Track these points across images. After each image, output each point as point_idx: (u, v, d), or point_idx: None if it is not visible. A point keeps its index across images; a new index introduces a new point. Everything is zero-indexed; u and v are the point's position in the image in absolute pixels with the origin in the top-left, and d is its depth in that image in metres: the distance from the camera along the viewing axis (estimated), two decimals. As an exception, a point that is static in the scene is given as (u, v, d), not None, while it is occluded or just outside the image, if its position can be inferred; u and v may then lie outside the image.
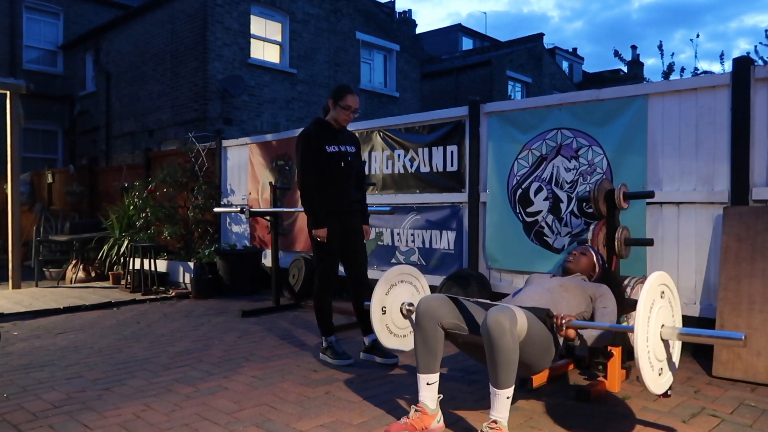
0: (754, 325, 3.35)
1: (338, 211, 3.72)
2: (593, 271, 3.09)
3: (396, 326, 3.12)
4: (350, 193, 3.78)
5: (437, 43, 26.44)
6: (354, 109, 3.66)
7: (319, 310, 3.77)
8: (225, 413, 2.78)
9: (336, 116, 3.68)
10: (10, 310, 5.48)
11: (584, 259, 3.08)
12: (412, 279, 3.26)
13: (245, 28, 11.42)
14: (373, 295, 3.05)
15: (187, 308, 5.83)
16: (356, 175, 3.85)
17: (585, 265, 3.08)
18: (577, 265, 3.07)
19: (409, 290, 3.22)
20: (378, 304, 3.06)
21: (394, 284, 3.14)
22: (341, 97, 3.62)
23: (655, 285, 2.27)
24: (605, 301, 2.81)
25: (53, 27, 15.38)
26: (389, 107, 14.37)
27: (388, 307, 3.10)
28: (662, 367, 2.28)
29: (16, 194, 7.15)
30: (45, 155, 15.08)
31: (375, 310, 3.04)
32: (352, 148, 3.78)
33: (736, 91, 3.74)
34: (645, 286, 2.22)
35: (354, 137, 3.91)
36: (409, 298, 3.17)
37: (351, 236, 3.79)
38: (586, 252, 3.11)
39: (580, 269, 3.06)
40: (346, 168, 3.70)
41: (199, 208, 7.33)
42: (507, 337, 2.26)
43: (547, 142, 4.63)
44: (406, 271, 3.24)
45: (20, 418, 2.74)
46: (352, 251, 3.81)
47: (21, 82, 7.29)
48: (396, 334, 3.12)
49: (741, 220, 3.59)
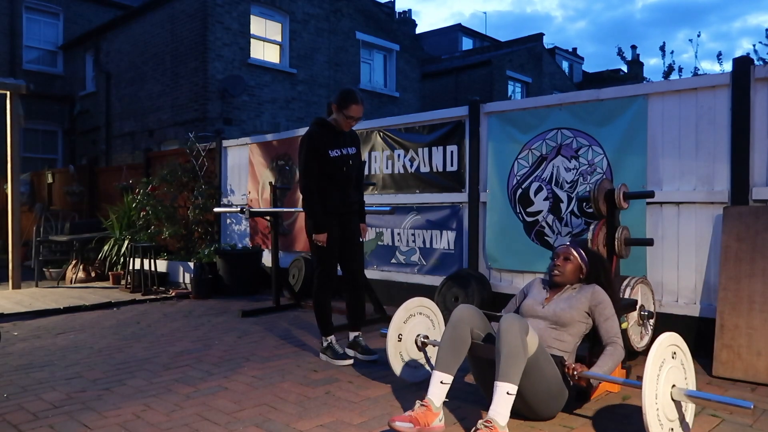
0: (754, 325, 3.35)
1: (338, 212, 3.76)
2: (582, 273, 2.93)
3: (408, 355, 3.19)
4: (350, 194, 3.81)
5: (437, 43, 26.44)
6: (357, 119, 3.69)
7: (319, 310, 3.81)
8: (225, 413, 2.78)
9: (338, 121, 3.71)
10: (10, 310, 5.48)
11: (570, 266, 2.89)
12: (430, 313, 3.33)
13: (245, 28, 11.42)
14: (392, 320, 3.14)
15: (187, 308, 5.83)
16: (356, 176, 3.88)
17: (572, 273, 2.90)
18: (565, 277, 2.89)
19: (425, 323, 3.29)
20: (395, 330, 3.15)
21: (413, 314, 3.22)
22: (346, 106, 3.62)
23: (665, 345, 2.30)
24: (604, 311, 2.75)
25: (53, 27, 15.38)
26: (389, 107, 14.37)
27: (404, 336, 3.17)
28: (672, 426, 2.30)
29: (16, 194, 7.15)
30: (45, 155, 15.08)
31: (392, 335, 3.13)
32: (353, 150, 3.81)
33: (736, 91, 3.74)
34: (654, 345, 2.25)
35: (355, 137, 3.92)
36: (425, 331, 3.25)
37: (350, 236, 3.83)
38: (570, 256, 2.91)
39: (568, 279, 2.90)
40: (347, 171, 3.74)
41: (199, 208, 7.34)
42: (515, 332, 2.35)
43: (547, 142, 4.63)
44: (425, 304, 3.31)
45: (20, 418, 2.74)
46: (350, 251, 3.85)
47: (21, 82, 7.29)
48: (408, 363, 3.20)
49: (741, 219, 3.59)
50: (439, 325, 3.34)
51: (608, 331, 2.73)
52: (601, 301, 2.77)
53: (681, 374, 2.37)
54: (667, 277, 4.03)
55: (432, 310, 3.34)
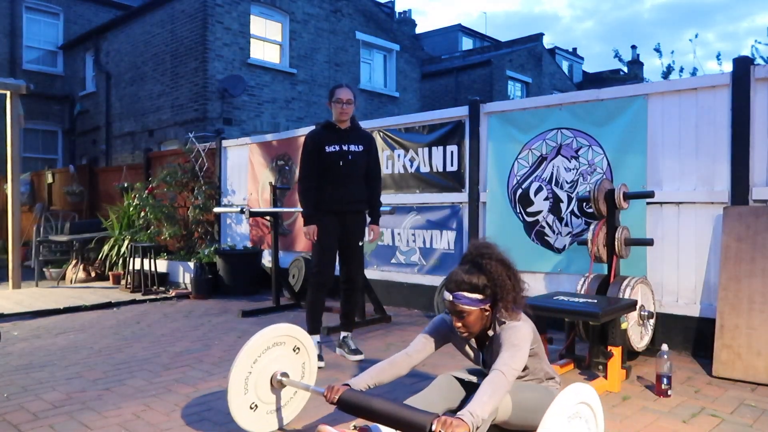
0: (754, 324, 3.35)
1: (338, 211, 3.75)
2: (486, 317, 2.28)
3: (261, 401, 2.52)
4: (352, 192, 3.78)
5: (437, 43, 26.43)
6: (345, 101, 3.70)
7: (311, 308, 3.81)
8: (225, 413, 2.78)
9: (334, 114, 3.75)
10: (10, 310, 5.48)
11: (470, 319, 2.25)
12: (289, 340, 2.64)
13: (245, 28, 11.42)
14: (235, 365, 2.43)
15: (187, 308, 5.83)
16: (364, 174, 3.85)
17: (477, 321, 2.26)
18: (474, 330, 2.29)
19: (284, 356, 2.60)
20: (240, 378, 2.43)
21: (267, 349, 2.55)
22: (332, 95, 3.74)
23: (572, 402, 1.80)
24: (504, 343, 2.19)
25: (53, 27, 15.38)
26: (389, 107, 14.38)
27: (254, 381, 2.49)
28: None
29: (16, 194, 7.15)
30: (45, 155, 15.09)
31: (235, 383, 2.42)
32: (358, 147, 3.78)
33: (736, 91, 3.74)
34: (556, 401, 1.76)
35: (366, 136, 3.90)
36: (284, 366, 2.59)
37: (349, 237, 3.83)
38: (462, 312, 2.24)
39: (478, 329, 2.29)
40: (345, 167, 3.71)
41: (199, 208, 7.34)
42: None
43: (547, 142, 4.63)
44: (282, 333, 2.61)
45: (20, 418, 2.74)
46: (348, 252, 3.87)
47: (21, 82, 7.29)
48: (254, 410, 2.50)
49: (741, 219, 3.59)
50: (306, 350, 2.70)
51: (499, 358, 2.16)
52: (503, 340, 2.21)
53: None
54: (667, 277, 4.03)
55: (293, 335, 2.64)
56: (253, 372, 2.48)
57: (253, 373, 2.48)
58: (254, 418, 2.49)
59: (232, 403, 2.41)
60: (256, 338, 2.50)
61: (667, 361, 2.98)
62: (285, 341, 2.62)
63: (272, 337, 2.56)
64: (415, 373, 3.20)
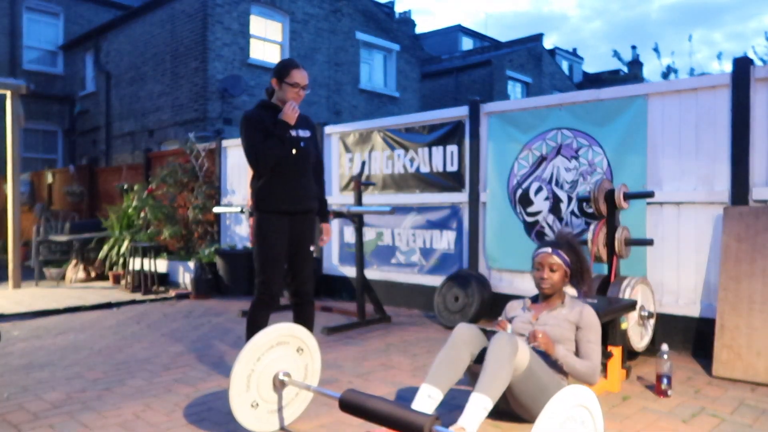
0: (754, 324, 3.35)
1: (290, 211, 3.14)
2: (567, 277, 2.78)
3: (262, 399, 2.50)
4: (304, 187, 3.17)
5: (437, 43, 26.44)
6: (302, 86, 3.13)
7: (251, 324, 3.10)
8: (225, 413, 2.77)
9: (283, 96, 3.15)
10: (10, 310, 5.48)
11: (556, 276, 2.74)
12: (293, 340, 2.62)
13: (245, 28, 11.42)
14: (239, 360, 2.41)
15: (187, 308, 5.83)
16: (313, 165, 3.25)
17: (560, 280, 2.75)
18: (555, 287, 2.75)
19: (287, 355, 2.58)
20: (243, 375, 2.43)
21: (270, 347, 2.53)
22: (286, 73, 3.11)
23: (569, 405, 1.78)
24: (588, 334, 2.65)
25: (53, 27, 15.38)
26: (389, 107, 14.38)
27: (257, 379, 2.48)
28: None
29: (16, 194, 7.15)
30: (45, 155, 15.09)
31: (237, 379, 2.40)
32: (306, 132, 3.19)
33: (736, 91, 3.74)
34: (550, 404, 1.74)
35: (308, 120, 3.29)
36: (286, 366, 2.57)
37: (300, 242, 3.21)
38: (554, 266, 2.74)
39: (557, 289, 2.76)
40: (298, 155, 3.11)
41: (199, 208, 7.34)
42: (503, 350, 2.27)
43: (548, 142, 4.63)
44: (286, 332, 2.59)
45: (20, 418, 2.74)
46: (298, 259, 3.23)
47: (21, 82, 7.29)
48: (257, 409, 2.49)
49: (741, 220, 3.59)
50: (309, 352, 2.68)
51: (589, 354, 2.63)
52: (587, 325, 2.66)
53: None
54: (667, 277, 4.03)
55: (296, 336, 2.61)
56: (255, 370, 2.46)
57: (256, 371, 2.46)
58: (255, 416, 2.48)
59: (233, 400, 2.39)
60: (260, 336, 2.48)
61: (667, 361, 2.98)
62: (289, 341, 2.60)
63: (276, 336, 2.54)
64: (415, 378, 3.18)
